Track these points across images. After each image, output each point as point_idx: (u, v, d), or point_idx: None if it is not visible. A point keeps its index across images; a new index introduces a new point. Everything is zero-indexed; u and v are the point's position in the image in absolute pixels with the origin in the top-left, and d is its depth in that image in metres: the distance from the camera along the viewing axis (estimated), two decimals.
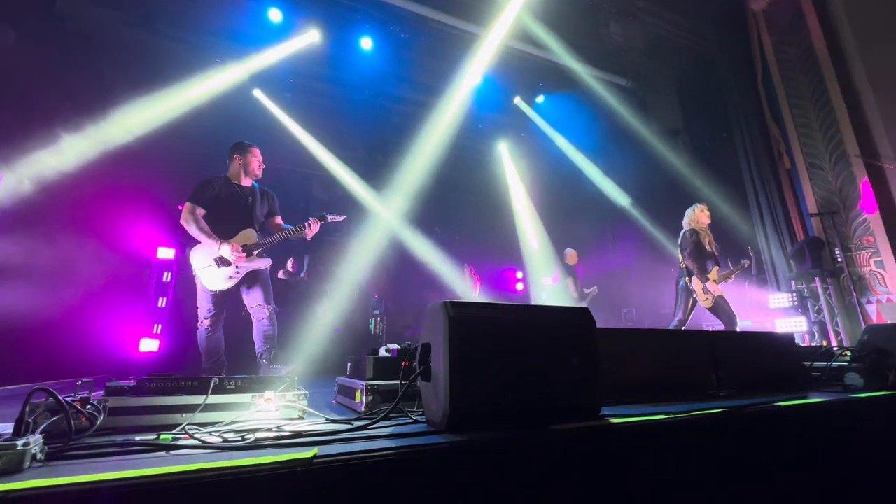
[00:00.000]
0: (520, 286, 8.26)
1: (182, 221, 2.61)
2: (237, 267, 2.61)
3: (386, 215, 6.84)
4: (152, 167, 4.91)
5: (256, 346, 2.64)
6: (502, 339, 1.38)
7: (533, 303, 7.75)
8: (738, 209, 6.09)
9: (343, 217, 2.91)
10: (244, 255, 2.60)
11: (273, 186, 3.04)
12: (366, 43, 5.81)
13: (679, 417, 1.47)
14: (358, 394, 1.82)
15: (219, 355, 2.60)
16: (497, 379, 1.33)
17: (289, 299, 5.43)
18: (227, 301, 2.71)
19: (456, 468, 1.11)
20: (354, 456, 1.03)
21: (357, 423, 1.41)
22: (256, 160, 2.84)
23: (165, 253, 5.16)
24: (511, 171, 8.17)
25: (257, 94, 6.16)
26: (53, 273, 4.01)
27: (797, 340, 2.49)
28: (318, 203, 7.75)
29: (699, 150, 6.68)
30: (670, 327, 3.92)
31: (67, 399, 1.19)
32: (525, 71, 6.58)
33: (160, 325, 4.54)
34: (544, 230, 7.93)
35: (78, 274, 4.38)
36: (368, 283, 6.40)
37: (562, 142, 7.47)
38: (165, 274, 4.99)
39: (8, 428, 1.36)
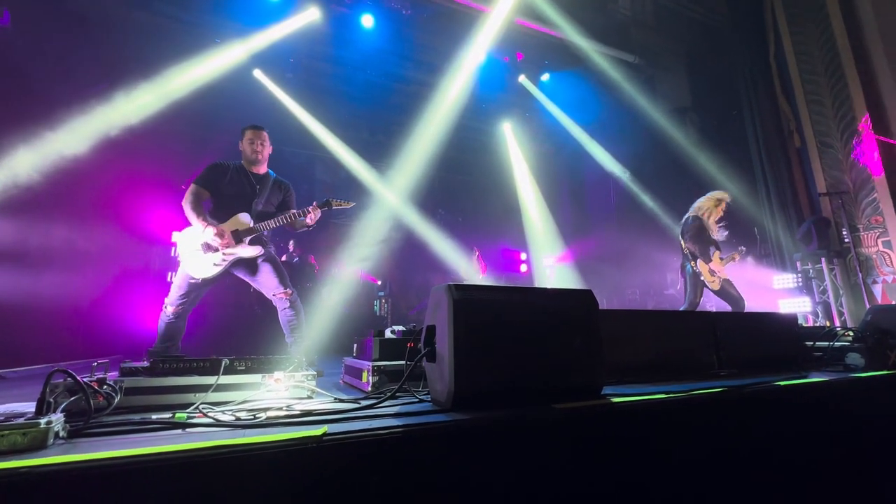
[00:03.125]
0: (524, 267, 8.29)
1: (182, 202, 2.59)
2: (223, 253, 2.53)
3: (389, 197, 6.82)
4: (158, 150, 4.89)
5: (286, 336, 2.62)
6: (506, 321, 1.40)
7: (537, 284, 7.80)
8: (745, 188, 6.02)
9: (351, 204, 2.82)
10: (232, 241, 2.53)
11: (276, 169, 3.02)
12: (367, 20, 5.68)
13: (680, 396, 1.50)
14: (364, 374, 1.86)
15: (173, 341, 2.52)
16: (501, 360, 1.35)
17: (293, 282, 5.51)
18: (203, 293, 2.61)
19: (460, 445, 1.14)
20: (362, 434, 1.06)
21: (364, 403, 1.45)
22: (248, 144, 2.70)
23: (178, 236, 5.20)
24: (515, 151, 8.08)
25: (258, 74, 6.07)
26: (67, 258, 4.07)
27: (801, 321, 2.50)
28: (322, 185, 7.72)
29: (707, 129, 6.57)
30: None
31: (84, 380, 1.23)
32: (531, 47, 6.43)
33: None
34: (548, 211, 7.90)
35: (91, 258, 4.44)
36: (365, 275, 6.40)
37: (567, 121, 7.36)
38: (173, 249, 5.07)
39: (30, 407, 1.41)
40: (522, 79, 7.01)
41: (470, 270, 6.67)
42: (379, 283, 6.57)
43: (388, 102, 6.73)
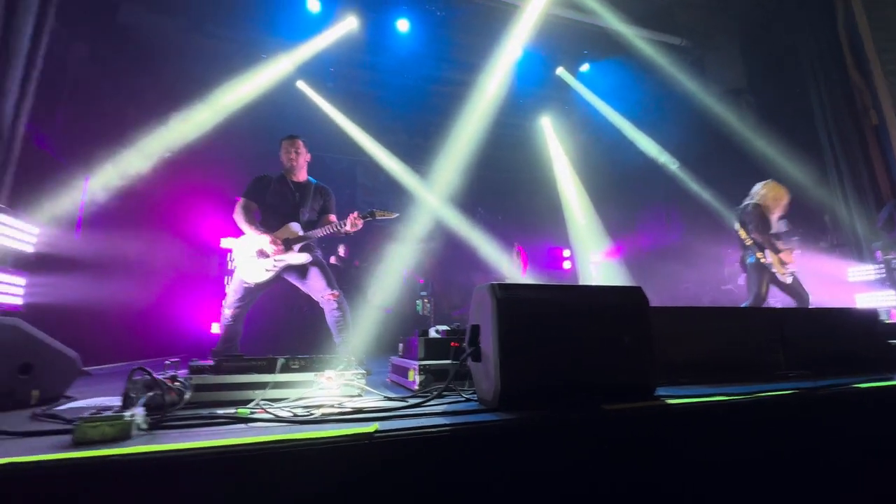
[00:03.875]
0: (567, 265, 8.10)
1: (234, 215, 2.78)
2: (275, 260, 2.69)
3: (429, 198, 6.89)
4: (212, 164, 5.26)
5: (334, 336, 2.75)
6: (551, 320, 1.38)
7: (581, 281, 7.59)
8: (812, 172, 5.53)
9: (395, 215, 2.85)
10: (282, 248, 2.68)
11: (318, 174, 3.14)
12: (402, 25, 5.78)
13: (742, 399, 1.41)
14: (411, 373, 1.90)
15: (232, 343, 2.72)
16: (547, 359, 1.34)
17: (339, 285, 5.72)
18: (258, 297, 2.80)
19: (508, 445, 1.15)
20: (412, 431, 1.10)
21: (412, 401, 1.49)
22: (284, 154, 2.86)
23: (228, 242, 5.60)
24: (555, 145, 7.91)
25: (300, 85, 6.34)
26: (137, 266, 4.48)
27: (882, 317, 2.28)
28: (363, 189, 7.94)
29: (765, 110, 6.10)
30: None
31: (158, 377, 1.36)
32: (568, 39, 6.27)
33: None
34: (591, 205, 7.66)
35: (157, 267, 4.87)
36: (411, 272, 6.51)
37: (608, 111, 7.10)
38: (228, 256, 5.46)
39: (114, 401, 1.57)
40: (560, 71, 6.85)
41: (512, 269, 6.60)
42: (423, 281, 6.66)
43: (425, 105, 6.80)
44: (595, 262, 7.65)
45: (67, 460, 0.90)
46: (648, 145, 6.91)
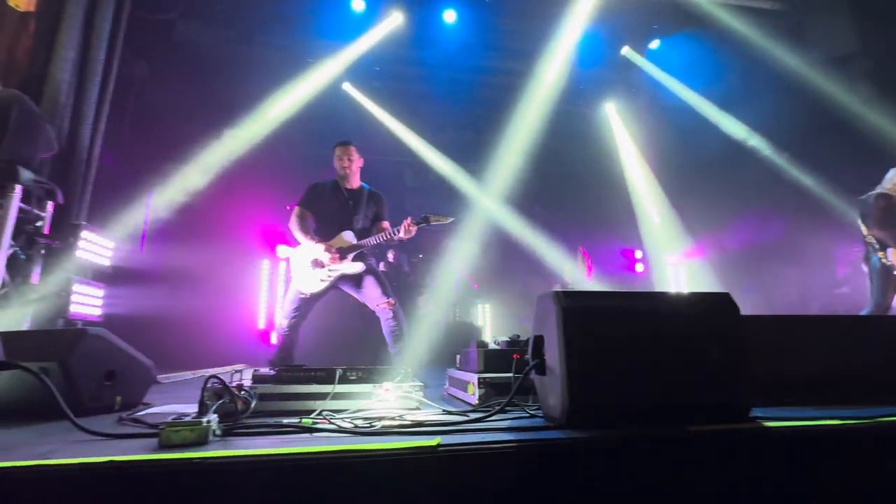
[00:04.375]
0: (640, 267, 7.77)
1: (289, 224, 2.99)
2: (329, 269, 2.85)
3: (482, 198, 6.95)
4: (265, 174, 5.71)
5: (389, 346, 2.90)
6: (624, 330, 1.37)
7: (656, 286, 7.25)
8: None
9: (450, 220, 2.93)
10: (337, 257, 2.84)
11: (366, 179, 3.29)
12: (449, 16, 5.91)
13: (859, 424, 1.31)
14: (470, 386, 1.95)
15: (288, 353, 2.92)
16: (620, 372, 1.33)
17: (392, 293, 5.95)
18: (314, 307, 2.98)
19: (577, 464, 1.16)
20: (476, 446, 1.14)
21: (473, 416, 1.53)
22: (337, 161, 3.05)
23: (281, 251, 6.02)
24: (621, 134, 7.64)
25: (347, 87, 6.67)
26: (196, 277, 4.96)
27: None
28: (412, 192, 8.15)
29: (886, 77, 5.49)
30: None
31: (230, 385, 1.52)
32: (634, 14, 6.06)
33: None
34: (666, 199, 7.30)
35: (211, 276, 5.35)
36: (468, 276, 6.60)
37: (684, 91, 6.74)
38: (282, 264, 5.88)
39: (184, 408, 1.77)
40: (626, 51, 6.63)
41: (576, 274, 6.46)
42: (478, 287, 6.72)
43: (475, 98, 6.88)
44: (672, 263, 7.29)
45: (156, 461, 1.05)
46: (734, 127, 6.47)
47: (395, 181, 7.94)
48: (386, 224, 3.11)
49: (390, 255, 6.62)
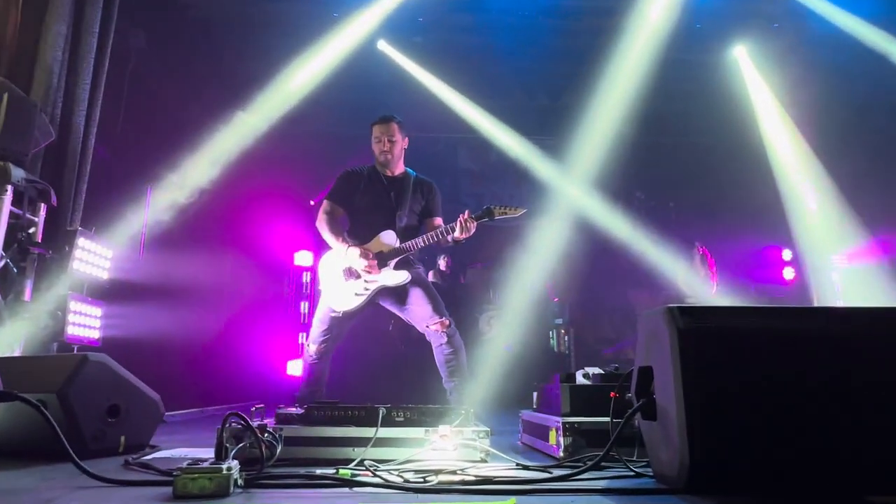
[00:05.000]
0: (789, 273, 7.33)
1: (316, 223, 3.11)
2: (366, 280, 2.92)
3: (563, 183, 6.90)
4: (285, 161, 6.02)
5: (443, 379, 2.95)
6: (768, 360, 1.33)
7: (815, 298, 6.83)
8: None
9: (521, 211, 2.92)
10: (376, 263, 2.91)
11: (411, 162, 3.33)
12: None
13: None
14: (552, 434, 1.96)
15: (318, 386, 3.01)
16: (764, 419, 1.30)
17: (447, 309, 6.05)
18: (348, 328, 3.06)
19: None
20: None
21: (557, 472, 1.54)
22: (375, 143, 3.09)
23: (303, 258, 6.32)
24: (759, 88, 7.26)
25: (382, 46, 6.85)
26: (201, 293, 5.31)
27: None
28: (468, 175, 8.24)
29: None
30: None
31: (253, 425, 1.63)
32: None
33: (306, 334, 5.57)
34: (829, 180, 6.85)
35: (225, 292, 5.73)
36: (546, 284, 6.56)
37: (852, 22, 6.29)
38: (305, 275, 6.16)
39: (198, 453, 1.91)
40: None
41: (694, 282, 6.22)
42: (558, 300, 6.66)
43: (549, 50, 6.81)
44: (838, 267, 6.82)
45: None
46: None
47: (448, 165, 8.07)
48: (438, 221, 3.16)
49: (442, 262, 6.72)
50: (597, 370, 2.19)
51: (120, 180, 4.60)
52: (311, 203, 6.12)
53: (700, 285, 6.16)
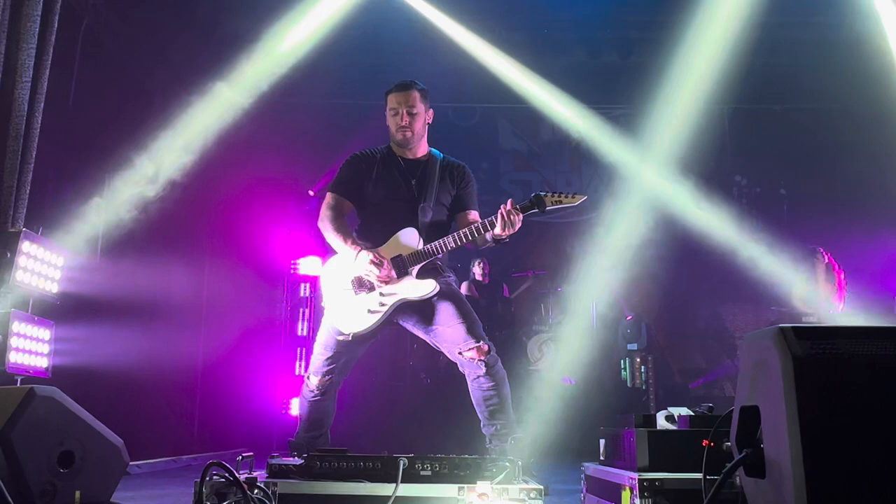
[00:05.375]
0: None
1: (318, 222, 3.12)
2: (381, 293, 2.91)
3: (638, 166, 6.85)
4: (277, 141, 6.06)
5: (481, 422, 2.92)
6: None
7: None
8: None
9: (579, 199, 2.89)
10: (393, 272, 2.90)
11: (437, 141, 3.30)
12: None
13: None
14: (625, 495, 1.93)
15: (321, 429, 3.02)
16: None
17: (488, 330, 6.02)
18: (360, 354, 3.07)
19: None
20: None
21: None
22: (391, 117, 3.02)
23: (302, 265, 6.38)
24: None
25: None
26: (176, 312, 5.40)
27: None
28: (511, 157, 8.21)
29: None
30: None
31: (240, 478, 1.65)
32: None
33: (305, 364, 5.61)
34: None
35: (204, 310, 5.81)
36: (617, 298, 6.50)
37: None
38: (303, 287, 6.19)
39: None
40: None
41: (815, 296, 6.07)
42: (631, 318, 6.59)
43: None
44: None
45: None
46: None
47: (486, 143, 8.07)
48: (473, 215, 3.15)
49: (479, 269, 6.71)
50: (684, 411, 2.16)
51: (73, 169, 4.69)
52: (311, 193, 6.19)
53: (822, 301, 6.01)
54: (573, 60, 7.41)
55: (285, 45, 6.04)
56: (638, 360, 6.41)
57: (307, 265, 6.26)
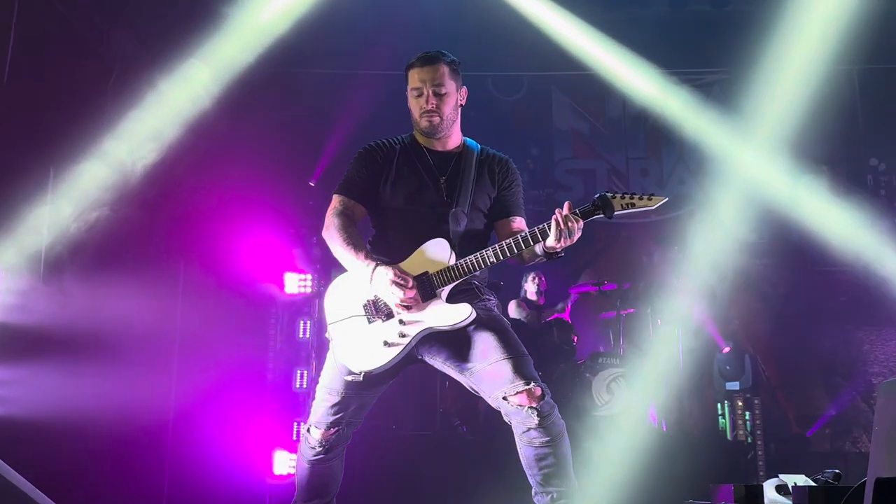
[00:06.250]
0: None
1: (324, 231, 3.12)
2: (402, 321, 2.90)
3: (737, 152, 6.81)
4: (264, 125, 6.07)
5: (533, 489, 2.88)
6: None
7: None
8: None
9: (657, 202, 2.82)
10: (417, 293, 2.87)
11: (472, 127, 3.30)
12: None
13: None
14: None
15: (325, 497, 3.05)
16: None
17: (542, 367, 5.97)
18: (374, 399, 3.08)
19: None
20: None
21: None
22: (414, 98, 3.01)
23: (297, 282, 6.41)
24: None
25: None
26: (126, 346, 5.38)
27: None
28: (569, 141, 8.18)
29: None
30: None
31: None
32: None
33: (303, 415, 5.63)
34: None
35: (163, 343, 5.80)
36: (708, 323, 6.46)
37: None
38: (302, 325, 6.21)
39: None
40: None
41: None
42: (729, 348, 6.52)
43: None
44: None
45: None
46: None
47: (535, 124, 8.10)
48: (519, 222, 3.14)
49: (531, 285, 6.71)
50: (801, 479, 2.14)
51: (6, 161, 4.76)
52: (311, 184, 6.22)
53: None
54: (651, 12, 7.43)
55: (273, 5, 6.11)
56: (740, 403, 6.32)
57: (295, 282, 6.41)
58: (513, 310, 6.76)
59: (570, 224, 2.70)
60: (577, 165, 8.04)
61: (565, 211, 2.71)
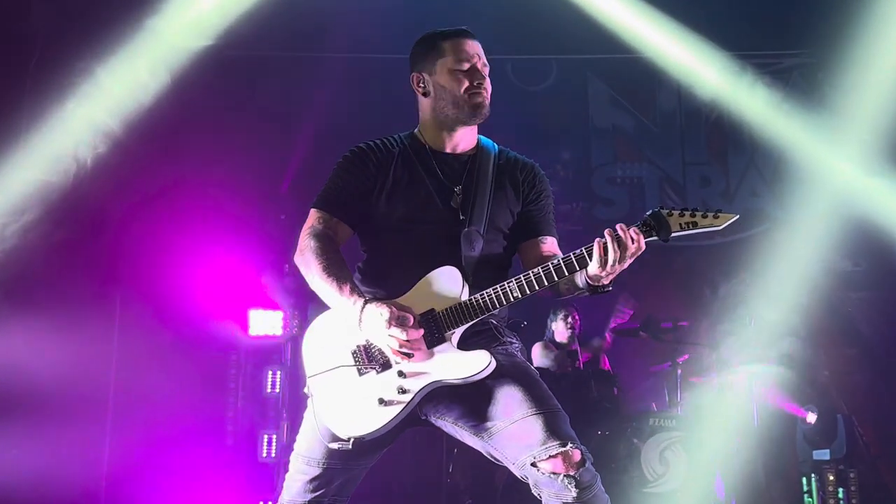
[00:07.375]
0: None
1: (296, 256, 3.06)
2: (402, 373, 2.84)
3: (824, 154, 6.84)
4: (222, 121, 6.15)
5: None
6: None
7: None
8: None
9: (728, 220, 2.76)
10: (421, 337, 2.77)
11: (489, 128, 3.32)
12: None
13: None
14: None
15: None
16: None
17: (577, 424, 5.99)
18: (363, 471, 3.05)
19: None
20: None
21: None
22: (457, 77, 3.00)
23: (265, 322, 6.43)
24: None
25: None
26: (56, 402, 5.43)
27: None
28: (611, 140, 8.22)
29: None
30: None
31: None
32: None
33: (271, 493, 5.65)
34: None
35: (96, 399, 5.83)
36: (780, 398, 6.47)
37: None
38: (270, 376, 6.22)
39: None
40: None
41: None
42: (812, 420, 6.51)
43: None
44: None
45: None
46: None
47: (568, 119, 8.12)
48: (550, 244, 3.12)
49: (562, 325, 6.72)
50: None
51: None
52: (283, 217, 6.25)
53: None
54: None
55: None
56: (832, 477, 6.31)
57: (262, 321, 6.36)
58: (538, 354, 6.76)
59: (629, 244, 2.48)
60: (621, 172, 8.02)
61: (619, 232, 2.55)
